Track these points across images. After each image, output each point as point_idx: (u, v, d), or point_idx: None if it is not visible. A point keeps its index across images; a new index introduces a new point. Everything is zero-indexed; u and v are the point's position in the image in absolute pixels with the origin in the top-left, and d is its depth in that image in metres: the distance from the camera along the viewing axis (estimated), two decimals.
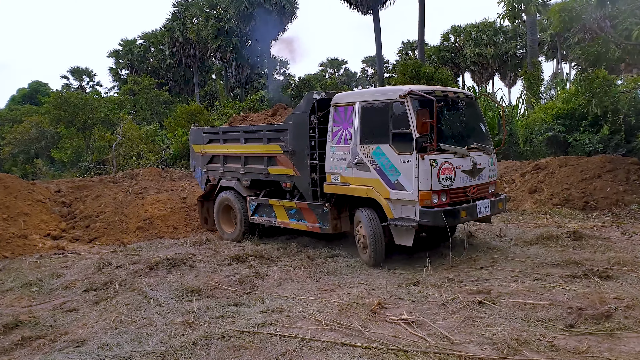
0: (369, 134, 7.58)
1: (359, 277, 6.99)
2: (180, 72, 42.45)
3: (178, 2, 40.30)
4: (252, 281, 6.91)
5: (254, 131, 9.57)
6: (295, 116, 8.77)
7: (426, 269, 7.04)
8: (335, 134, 8.11)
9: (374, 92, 8.13)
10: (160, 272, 7.64)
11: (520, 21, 42.60)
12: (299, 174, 8.66)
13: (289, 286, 6.68)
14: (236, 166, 9.99)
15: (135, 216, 11.38)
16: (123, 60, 46.47)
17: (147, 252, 9.09)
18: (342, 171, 7.95)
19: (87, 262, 8.32)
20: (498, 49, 49.82)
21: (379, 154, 7.40)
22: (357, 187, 7.73)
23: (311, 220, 8.60)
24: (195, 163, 11.14)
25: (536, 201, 11.99)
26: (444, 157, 7.05)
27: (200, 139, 10.86)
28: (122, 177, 16.59)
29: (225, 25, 34.85)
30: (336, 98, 8.30)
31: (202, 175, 10.97)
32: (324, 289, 6.42)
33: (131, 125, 24.57)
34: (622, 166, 12.04)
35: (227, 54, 34.95)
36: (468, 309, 5.26)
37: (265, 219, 9.53)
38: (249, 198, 9.71)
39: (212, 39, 35.04)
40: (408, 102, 7.09)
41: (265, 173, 9.37)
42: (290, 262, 7.83)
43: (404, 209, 7.19)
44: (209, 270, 7.58)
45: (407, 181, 7.03)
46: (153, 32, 44.70)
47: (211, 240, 9.72)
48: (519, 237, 8.78)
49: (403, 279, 6.72)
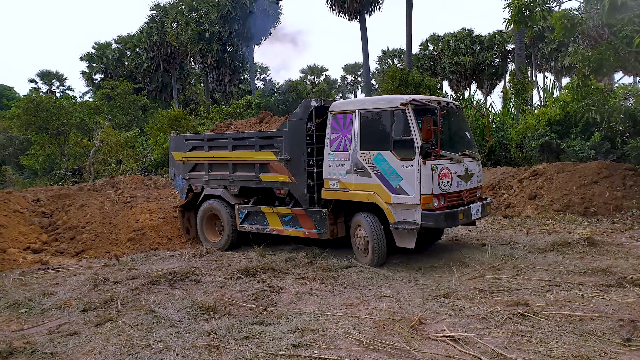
0: (370, 141, 7.83)
1: (381, 289, 6.61)
2: (158, 76, 41.50)
3: (156, 5, 39.45)
4: (268, 296, 6.45)
5: (245, 138, 9.51)
6: (291, 123, 8.73)
7: (453, 279, 6.71)
8: (333, 141, 8.27)
9: (374, 101, 8.26)
10: (163, 287, 7.11)
11: (513, 28, 43.47)
12: (294, 181, 8.69)
13: (309, 301, 6.25)
14: (223, 174, 9.88)
15: (126, 227, 10.75)
16: (97, 64, 45.20)
17: (143, 266, 8.52)
18: (341, 177, 8.14)
19: (80, 278, 7.69)
20: (475, 58, 50.50)
21: (380, 160, 7.65)
22: (358, 193, 7.94)
23: (308, 226, 8.66)
24: (176, 171, 10.84)
25: (537, 207, 11.87)
26: (442, 162, 7.43)
27: (181, 146, 10.62)
28: (102, 185, 15.88)
29: (206, 29, 34.19)
30: (334, 106, 8.45)
31: (183, 183, 10.68)
32: (348, 304, 6.01)
33: (110, 131, 23.72)
34: (617, 172, 12.05)
35: (209, 59, 34.26)
36: (511, 323, 4.94)
37: (256, 226, 9.41)
38: (238, 206, 9.56)
39: (193, 43, 34.32)
40: (409, 110, 7.39)
41: (256, 180, 9.29)
42: (303, 275, 7.39)
43: (404, 212, 7.46)
44: (217, 284, 7.08)
45: (409, 186, 7.32)
46: (129, 36, 43.64)
47: (212, 251, 9.19)
48: (531, 244, 8.57)
49: (428, 291, 6.37)
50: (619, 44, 10.11)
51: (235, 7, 31.61)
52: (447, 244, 9.19)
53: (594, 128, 14.51)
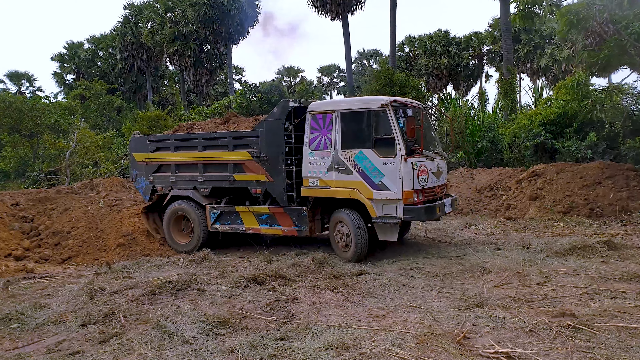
0: (350, 140, 8.14)
1: (403, 298, 6.17)
2: (132, 77, 40.31)
3: (130, 5, 38.32)
4: (283, 307, 5.95)
5: (217, 138, 9.42)
6: (268, 123, 8.84)
7: (478, 287, 6.32)
8: (312, 140, 8.51)
9: (354, 101, 8.53)
10: (165, 297, 6.54)
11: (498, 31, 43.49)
12: (272, 180, 8.82)
13: (329, 312, 5.77)
14: (192, 174, 9.73)
15: (114, 232, 10.08)
16: (69, 65, 43.71)
17: (138, 274, 7.89)
18: (321, 175, 8.40)
19: (73, 289, 7.02)
20: (451, 60, 50.80)
21: (362, 158, 8.00)
22: (339, 190, 8.24)
23: (287, 224, 8.84)
24: (137, 172, 10.51)
25: (539, 209, 11.65)
26: (420, 160, 7.89)
27: (144, 147, 10.35)
28: (81, 188, 15.08)
29: (183, 29, 33.33)
30: (313, 106, 8.67)
31: (147, 185, 10.38)
32: (374, 315, 5.56)
33: (87, 132, 22.75)
34: (620, 172, 11.93)
35: (185, 59, 33.38)
36: (564, 337, 4.56)
37: (229, 226, 9.38)
38: (210, 206, 9.47)
39: (169, 43, 33.41)
40: (390, 110, 7.78)
41: (230, 180, 9.28)
42: (315, 282, 6.91)
43: (385, 207, 7.87)
44: (224, 294, 6.54)
45: (391, 182, 7.74)
46: (102, 36, 42.32)
47: (210, 257, 8.61)
48: (547, 247, 8.29)
49: (455, 300, 5.97)
50: (628, 41, 9.94)
51: (213, 7, 30.87)
52: (460, 248, 8.83)
53: (589, 128, 14.45)
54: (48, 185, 19.17)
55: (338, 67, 58.44)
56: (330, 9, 26.62)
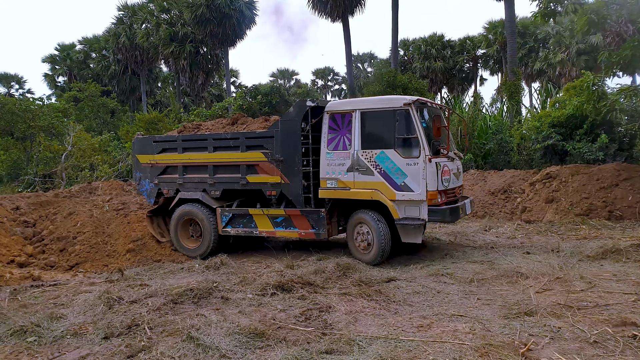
0: (371, 140, 7.95)
1: (442, 306, 5.86)
2: (126, 79, 39.73)
3: (124, 6, 37.76)
4: (318, 316, 5.60)
5: (229, 139, 9.09)
6: (284, 123, 8.61)
7: (519, 293, 6.03)
8: (331, 141, 8.29)
9: (374, 101, 8.39)
10: (188, 307, 6.18)
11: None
12: (287, 181, 8.56)
13: (367, 322, 5.43)
14: (202, 176, 9.39)
15: (123, 236, 9.66)
16: (60, 67, 43.06)
17: (154, 281, 7.50)
18: (340, 176, 8.18)
19: (88, 297, 6.62)
20: (446, 63, 50.88)
21: (383, 159, 7.81)
22: (360, 191, 8.03)
23: (304, 226, 8.60)
24: (142, 175, 10.13)
25: (556, 211, 11.43)
26: (443, 160, 7.74)
27: (148, 148, 9.97)
28: (79, 191, 14.70)
29: (179, 30, 32.86)
30: (331, 106, 8.46)
31: (152, 188, 10.03)
32: (418, 325, 5.23)
33: (83, 135, 22.23)
34: (637, 174, 11.73)
35: (181, 61, 32.89)
36: (633, 348, 4.27)
37: (242, 229, 9.10)
38: (221, 210, 9.16)
39: (165, 44, 32.92)
40: (413, 109, 7.59)
41: (243, 182, 8.99)
42: (345, 290, 6.57)
43: (408, 209, 7.70)
44: (251, 303, 6.18)
45: (414, 183, 7.57)
46: (95, 37, 41.74)
47: (227, 263, 8.25)
48: (577, 251, 8.04)
49: (497, 307, 5.67)
50: None
51: (210, 8, 30.45)
52: (487, 252, 8.55)
53: (599, 130, 14.28)
54: (43, 188, 18.68)
55: (332, 70, 58.25)
56: (331, 11, 26.36)
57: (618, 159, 13.84)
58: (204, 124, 10.88)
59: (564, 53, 41.85)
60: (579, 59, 39.73)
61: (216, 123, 10.53)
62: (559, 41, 42.35)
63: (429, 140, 7.58)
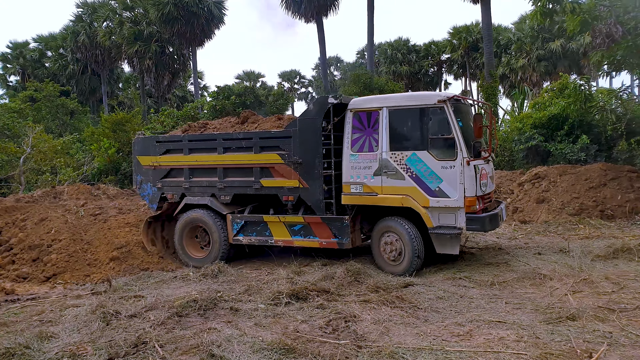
0: (401, 141, 7.40)
1: (471, 311, 5.52)
2: (85, 79, 37.99)
3: (83, 3, 36.13)
4: (346, 327, 5.14)
5: (241, 139, 8.39)
6: (303, 122, 7.93)
7: (554, 295, 5.75)
8: (355, 141, 7.67)
9: (404, 97, 7.82)
10: (195, 319, 5.61)
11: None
12: (306, 186, 7.87)
13: (400, 331, 5.02)
14: (210, 179, 8.65)
15: (104, 244, 8.89)
16: (12, 65, 40.81)
17: (147, 292, 6.86)
18: (366, 180, 7.54)
19: (79, 312, 5.93)
20: (412, 67, 51.50)
21: (415, 161, 7.19)
22: (389, 197, 7.40)
23: (325, 235, 7.87)
24: (143, 178, 9.34)
25: (549, 211, 11.37)
26: (480, 163, 7.16)
27: (151, 149, 9.17)
28: (42, 196, 13.67)
29: (144, 29, 31.67)
30: (355, 103, 7.81)
31: (154, 192, 9.22)
32: (456, 333, 4.86)
33: (44, 136, 20.91)
34: (622, 174, 11.84)
35: (146, 61, 31.70)
36: None
37: (255, 238, 8.37)
38: (232, 216, 8.45)
39: (129, 44, 31.66)
40: (448, 107, 6.98)
41: (256, 186, 8.29)
42: (363, 297, 6.14)
43: (442, 216, 7.09)
44: (266, 313, 5.66)
45: (451, 188, 6.95)
46: (51, 35, 39.76)
47: (225, 271, 7.66)
48: (586, 251, 7.90)
49: (529, 311, 5.39)
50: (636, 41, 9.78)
51: (178, 6, 29.52)
52: (497, 254, 8.28)
53: (579, 130, 14.47)
54: None
55: (299, 73, 57.91)
56: (305, 12, 25.94)
57: (599, 159, 14.03)
58: (210, 123, 10.06)
59: (525, 59, 42.98)
60: (539, 64, 40.90)
61: (224, 122, 9.79)
62: (520, 47, 43.51)
63: (466, 141, 6.99)
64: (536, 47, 41.26)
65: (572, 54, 38.47)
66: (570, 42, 37.29)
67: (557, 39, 38.92)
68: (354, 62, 54.74)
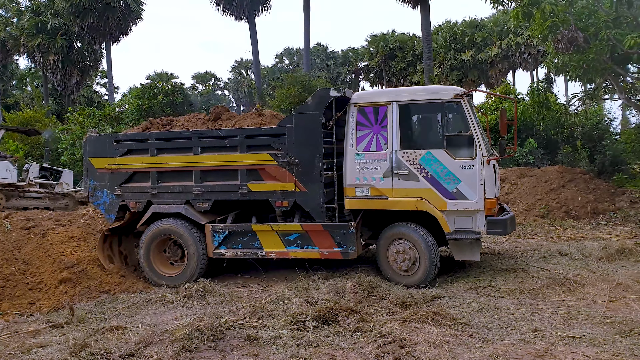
0: (414, 138, 7.00)
1: (523, 326, 4.99)
2: None
3: None
4: (402, 354, 4.35)
5: (222, 137, 7.34)
6: (299, 117, 7.06)
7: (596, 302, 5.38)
8: (361, 139, 6.96)
9: (417, 91, 7.20)
10: (210, 354, 4.60)
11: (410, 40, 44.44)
12: (304, 189, 7.00)
13: (470, 355, 4.35)
14: (184, 184, 7.49)
15: (48, 263, 7.29)
16: None
17: (125, 321, 5.59)
18: (374, 182, 6.86)
19: (54, 356, 4.56)
20: (330, 73, 51.79)
21: (431, 161, 6.63)
22: (401, 200, 6.75)
23: (326, 245, 7.01)
24: (96, 184, 7.92)
25: (516, 213, 11.36)
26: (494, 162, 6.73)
27: (107, 150, 7.79)
28: None
29: (48, 20, 28.53)
30: (360, 97, 7.20)
31: (112, 200, 7.84)
32: (534, 353, 4.28)
33: None
34: (577, 176, 12.27)
35: (50, 56, 28.54)
36: None
37: (242, 250, 7.33)
38: (212, 226, 7.36)
39: (29, 36, 28.35)
40: (465, 102, 6.55)
41: (242, 191, 7.24)
42: (395, 315, 5.39)
43: (458, 220, 6.60)
44: (296, 342, 4.71)
45: (470, 189, 6.48)
46: None
47: (213, 290, 6.52)
48: (585, 252, 7.79)
49: (584, 322, 4.98)
50: (604, 48, 10.01)
51: None
52: (502, 259, 7.90)
53: (525, 134, 14.93)
54: None
55: (214, 75, 55.88)
56: (236, 10, 24.67)
57: (545, 162, 14.53)
58: (176, 119, 8.75)
59: (439, 68, 44.80)
60: (452, 73, 42.83)
61: (191, 118, 8.50)
62: (435, 57, 45.31)
63: (484, 138, 6.61)
64: (449, 57, 43.12)
65: (481, 64, 40.75)
66: (479, 53, 39.62)
67: (468, 50, 41.04)
68: (272, 67, 53.91)
